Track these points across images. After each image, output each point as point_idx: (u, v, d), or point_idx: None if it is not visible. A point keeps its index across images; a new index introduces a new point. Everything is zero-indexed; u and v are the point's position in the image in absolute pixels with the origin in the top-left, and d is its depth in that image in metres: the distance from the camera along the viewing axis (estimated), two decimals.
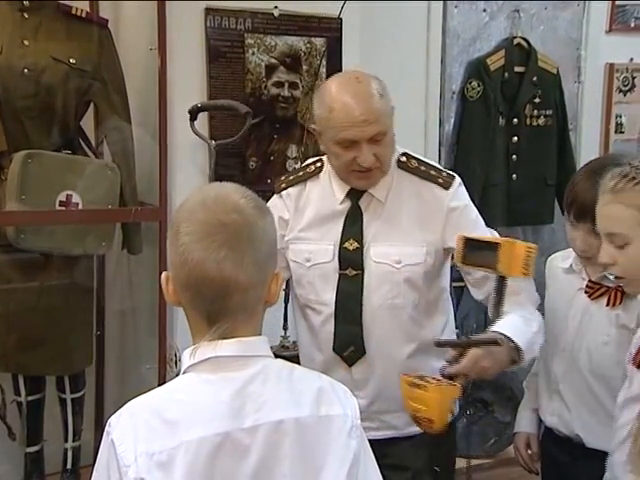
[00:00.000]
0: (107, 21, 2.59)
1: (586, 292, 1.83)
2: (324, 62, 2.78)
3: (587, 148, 3.45)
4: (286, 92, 2.73)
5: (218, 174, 2.48)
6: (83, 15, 2.53)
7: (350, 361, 1.79)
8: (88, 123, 2.67)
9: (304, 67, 2.75)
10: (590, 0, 3.41)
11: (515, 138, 3.26)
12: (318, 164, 1.87)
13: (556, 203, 3.32)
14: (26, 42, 2.41)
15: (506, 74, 3.19)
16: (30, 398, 2.55)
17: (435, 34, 3.16)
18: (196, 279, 1.09)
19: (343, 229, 1.79)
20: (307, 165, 1.91)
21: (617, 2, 3.48)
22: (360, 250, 1.77)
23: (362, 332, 1.77)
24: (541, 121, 3.29)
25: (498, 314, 1.62)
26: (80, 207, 2.41)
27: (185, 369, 1.13)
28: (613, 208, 1.46)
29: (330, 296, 1.78)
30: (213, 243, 1.08)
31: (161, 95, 2.44)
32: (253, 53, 2.66)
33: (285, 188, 1.88)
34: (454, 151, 3.28)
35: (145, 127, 2.63)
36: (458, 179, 1.84)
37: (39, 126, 2.44)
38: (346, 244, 1.78)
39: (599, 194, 1.50)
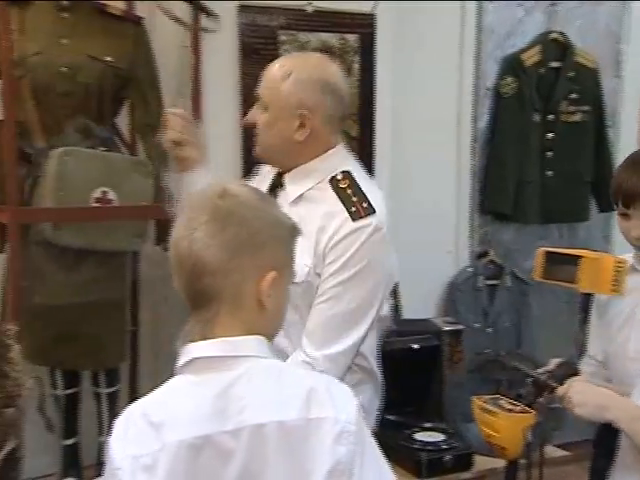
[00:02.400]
0: (142, 18, 2.61)
1: None
2: (357, 58, 2.77)
3: (626, 144, 3.38)
4: None
5: (250, 169, 2.48)
6: (119, 13, 2.54)
7: None
8: (123, 120, 2.70)
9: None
10: None
11: (550, 134, 3.22)
12: None
13: (592, 200, 3.29)
14: (64, 41, 2.43)
15: (542, 70, 3.16)
16: (67, 392, 2.57)
17: (469, 30, 3.14)
18: (175, 259, 1.13)
19: None
20: None
21: None
22: None
23: None
24: (578, 117, 3.25)
25: (584, 333, 1.54)
26: (115, 203, 2.43)
27: (178, 370, 1.13)
28: None
29: None
30: (191, 222, 1.11)
31: (195, 91, 2.46)
32: (286, 50, 2.67)
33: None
34: (487, 148, 3.25)
35: None
36: (373, 221, 1.60)
37: (76, 123, 2.46)
38: None
39: None
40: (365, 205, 1.61)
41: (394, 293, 3.02)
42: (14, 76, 2.24)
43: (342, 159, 1.72)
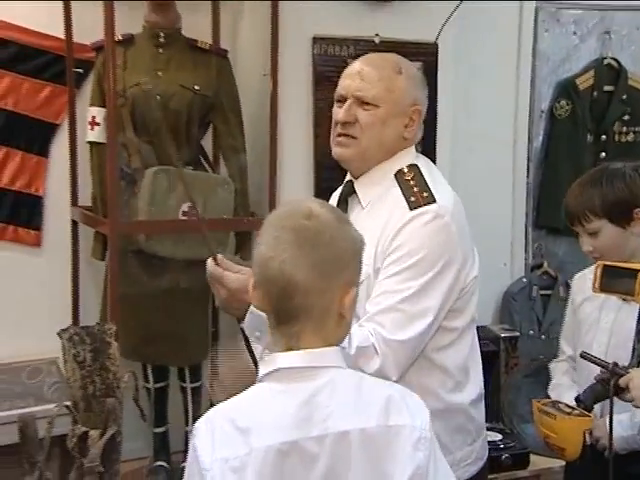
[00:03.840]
0: (227, 52, 2.69)
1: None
2: None
3: None
4: None
5: (321, 187, 2.53)
6: (207, 47, 2.64)
7: None
8: (207, 142, 2.78)
9: None
10: None
11: (603, 154, 3.18)
12: None
13: None
14: (159, 73, 2.53)
15: (595, 93, 3.12)
16: (157, 385, 2.66)
17: (525, 56, 3.14)
18: (264, 277, 1.10)
19: None
20: None
21: None
22: None
23: None
24: (630, 137, 3.20)
25: None
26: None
27: (260, 378, 1.12)
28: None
29: None
30: (279, 241, 1.09)
31: (272, 115, 2.50)
32: None
33: None
34: (542, 166, 3.23)
35: (257, 144, 2.70)
36: (433, 209, 1.45)
37: (167, 145, 2.55)
38: None
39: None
40: (425, 194, 1.47)
41: None
42: (117, 105, 2.34)
43: (413, 157, 1.57)
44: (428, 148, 2.79)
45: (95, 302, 2.64)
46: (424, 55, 2.78)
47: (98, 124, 2.54)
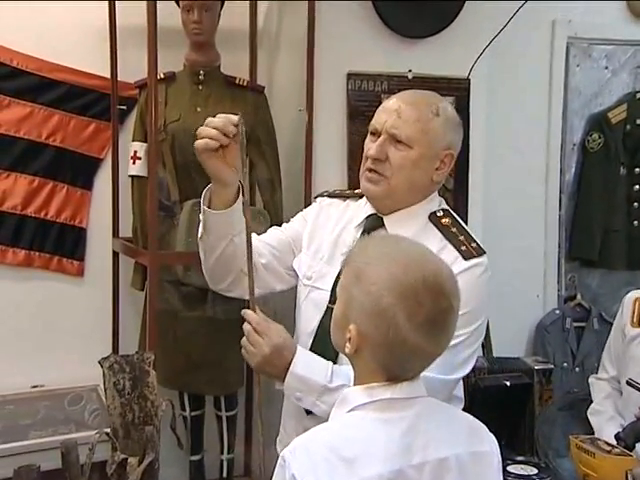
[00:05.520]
0: (263, 88, 2.74)
1: None
2: None
3: None
4: None
5: None
6: (244, 84, 2.70)
7: None
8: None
9: None
10: None
11: (637, 187, 3.15)
12: None
13: None
14: (199, 109, 2.59)
15: (628, 126, 3.10)
16: (193, 413, 2.68)
17: (557, 91, 3.13)
18: (397, 347, 1.08)
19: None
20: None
21: None
22: None
23: None
24: None
25: None
26: None
27: (352, 407, 1.11)
28: None
29: (315, 326, 1.52)
30: (430, 328, 1.07)
31: (307, 149, 2.53)
32: None
33: (325, 196, 1.69)
34: (574, 199, 3.20)
35: (292, 177, 2.73)
36: (485, 262, 1.46)
37: (205, 178, 2.58)
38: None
39: None
40: (474, 245, 1.47)
41: (486, 332, 2.98)
42: (158, 140, 2.39)
43: (440, 201, 1.57)
44: (461, 180, 2.80)
45: (134, 331, 2.67)
46: (457, 90, 2.79)
47: (139, 158, 2.61)
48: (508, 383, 2.55)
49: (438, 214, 1.51)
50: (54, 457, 1.70)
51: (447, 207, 1.55)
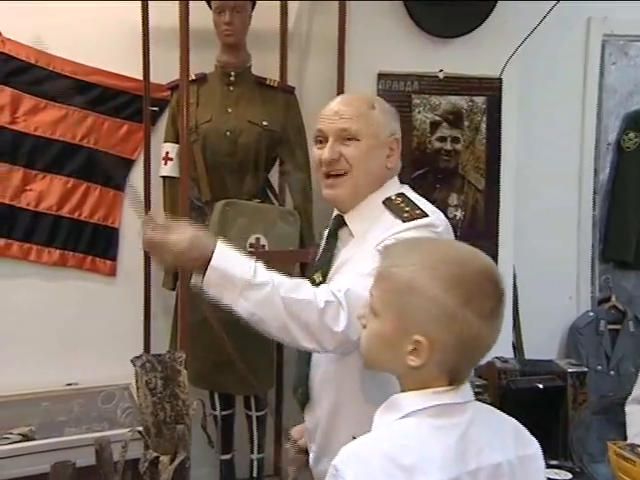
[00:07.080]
0: (294, 88, 2.74)
1: None
2: (484, 118, 2.77)
3: None
4: (448, 146, 2.74)
5: None
6: (275, 85, 2.70)
7: (301, 405, 1.57)
8: (273, 175, 2.81)
9: (465, 123, 2.75)
10: None
11: None
12: None
13: None
14: (229, 110, 2.60)
15: None
16: (223, 413, 2.68)
17: (591, 89, 3.09)
18: (470, 345, 1.05)
19: (318, 259, 1.56)
20: None
21: None
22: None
23: (309, 373, 1.52)
24: None
25: None
26: (266, 249, 2.51)
27: (406, 414, 1.07)
28: None
29: None
30: (495, 318, 1.06)
31: None
32: (419, 112, 2.71)
33: None
34: (609, 199, 3.14)
35: None
36: (430, 221, 1.43)
37: (236, 179, 2.60)
38: (314, 276, 1.51)
39: None
40: (418, 212, 1.45)
41: (517, 333, 2.94)
42: (189, 141, 2.40)
43: (398, 186, 1.56)
44: (492, 181, 2.77)
45: (166, 330, 2.69)
46: (488, 90, 2.77)
47: (171, 159, 2.62)
48: (541, 385, 2.51)
49: (392, 197, 1.51)
50: (88, 454, 1.72)
51: (407, 192, 1.54)
